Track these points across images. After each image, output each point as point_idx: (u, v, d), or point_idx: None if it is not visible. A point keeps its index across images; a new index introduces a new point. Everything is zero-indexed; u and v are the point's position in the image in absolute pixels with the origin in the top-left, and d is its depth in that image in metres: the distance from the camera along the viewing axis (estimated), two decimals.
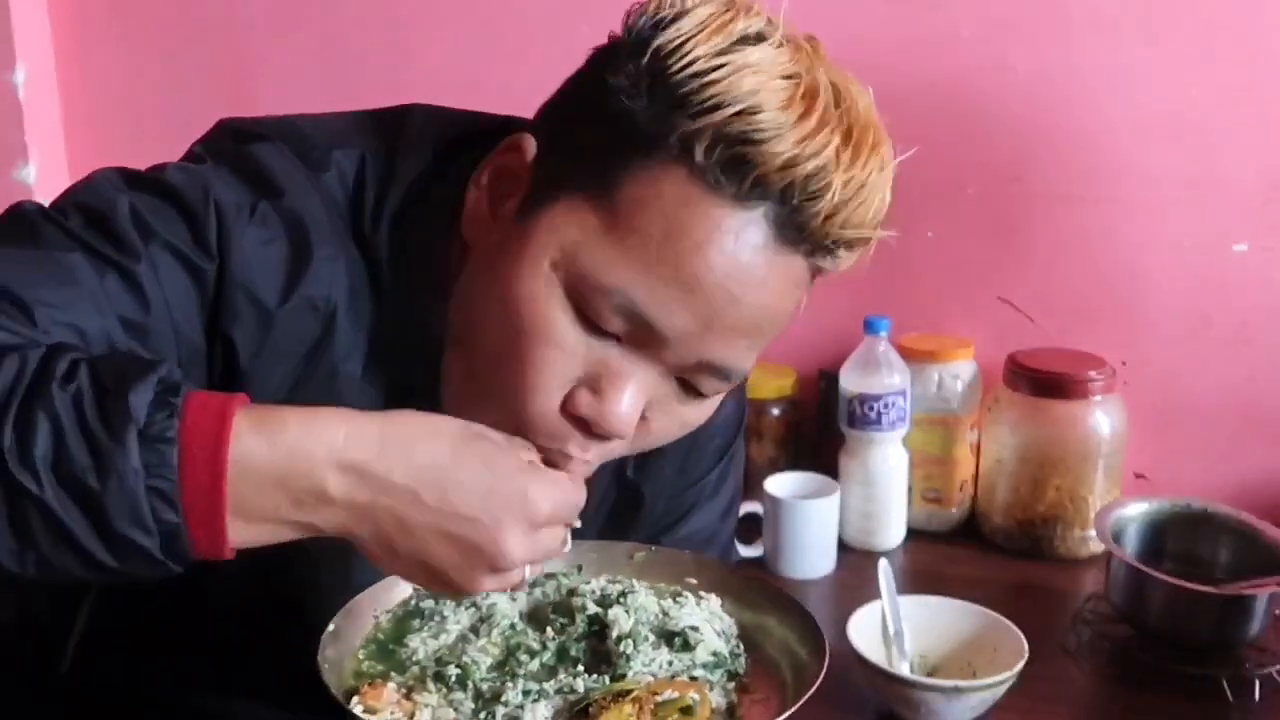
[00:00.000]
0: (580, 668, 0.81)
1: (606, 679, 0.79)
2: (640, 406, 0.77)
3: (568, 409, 0.77)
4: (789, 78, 0.73)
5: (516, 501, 0.70)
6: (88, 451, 0.63)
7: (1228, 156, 1.55)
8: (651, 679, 0.79)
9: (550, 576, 0.89)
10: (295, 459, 0.67)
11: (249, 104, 0.98)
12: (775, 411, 1.67)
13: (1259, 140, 1.54)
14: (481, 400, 0.78)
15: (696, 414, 0.82)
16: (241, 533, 0.66)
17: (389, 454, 0.68)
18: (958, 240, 1.64)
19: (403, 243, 0.83)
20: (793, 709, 0.76)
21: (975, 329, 1.65)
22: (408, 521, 0.69)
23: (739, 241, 0.73)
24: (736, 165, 0.72)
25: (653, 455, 0.95)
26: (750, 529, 1.54)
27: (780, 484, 1.53)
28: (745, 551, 1.51)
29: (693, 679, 0.81)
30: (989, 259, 1.64)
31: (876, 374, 1.55)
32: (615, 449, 0.80)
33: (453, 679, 0.78)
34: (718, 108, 0.72)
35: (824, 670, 0.78)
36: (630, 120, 0.74)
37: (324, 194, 0.82)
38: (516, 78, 0.96)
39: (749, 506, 1.54)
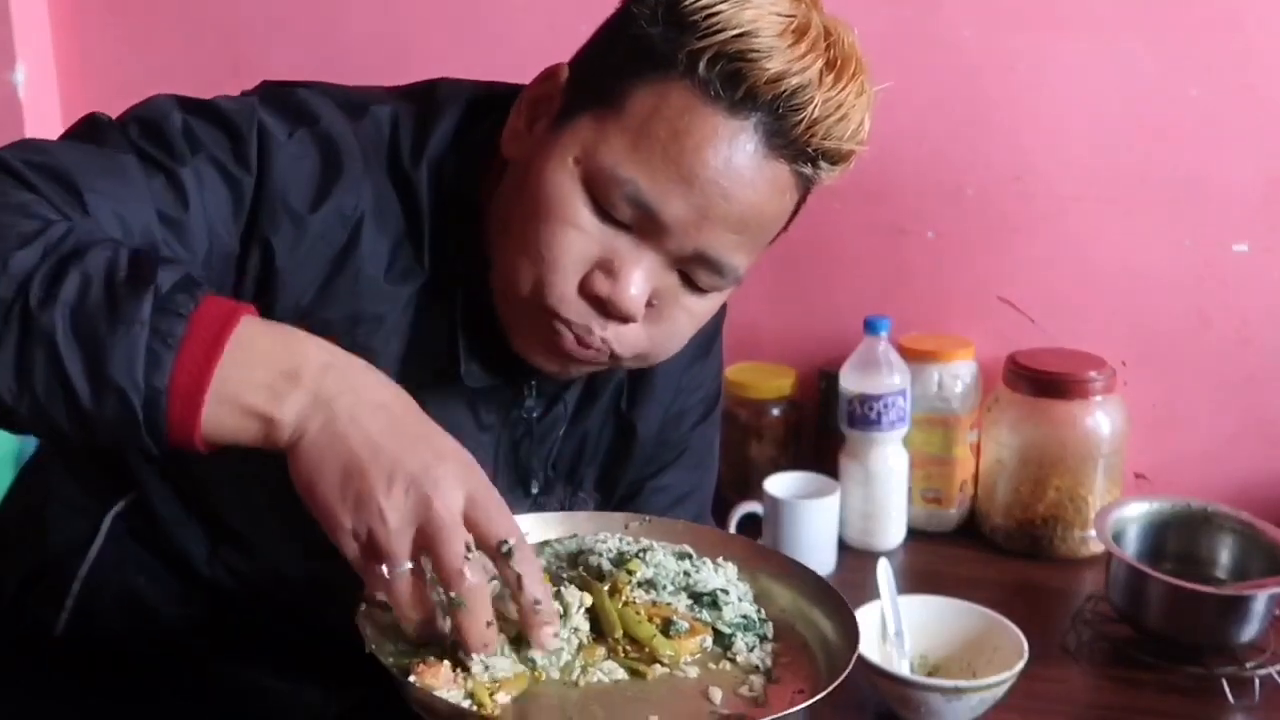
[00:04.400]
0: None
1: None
2: (647, 290, 0.89)
3: (586, 290, 0.88)
4: (785, 15, 0.85)
5: (414, 457, 0.73)
6: (106, 301, 0.69)
7: (1228, 156, 1.55)
8: (669, 605, 0.84)
9: (546, 544, 0.90)
10: (290, 342, 0.74)
11: None
12: (775, 411, 1.67)
13: (1259, 140, 1.54)
14: (514, 285, 0.90)
15: (700, 306, 0.93)
16: (213, 415, 0.70)
17: (365, 370, 0.75)
18: (958, 240, 1.64)
19: (443, 180, 0.94)
20: (847, 670, 0.77)
21: (975, 329, 1.66)
22: (336, 435, 0.72)
23: (732, 145, 0.85)
24: (732, 78, 0.84)
25: (643, 392, 1.10)
26: (750, 529, 1.54)
27: (780, 484, 1.53)
28: None
29: (718, 633, 0.84)
30: (989, 259, 1.64)
31: (877, 374, 1.55)
32: (629, 336, 0.91)
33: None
34: (721, 30, 0.84)
35: (859, 630, 0.82)
36: (647, 42, 0.86)
37: (359, 132, 0.92)
38: (514, 78, 0.97)
39: (749, 507, 1.54)
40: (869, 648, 1.19)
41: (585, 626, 0.79)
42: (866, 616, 1.23)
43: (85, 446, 1.00)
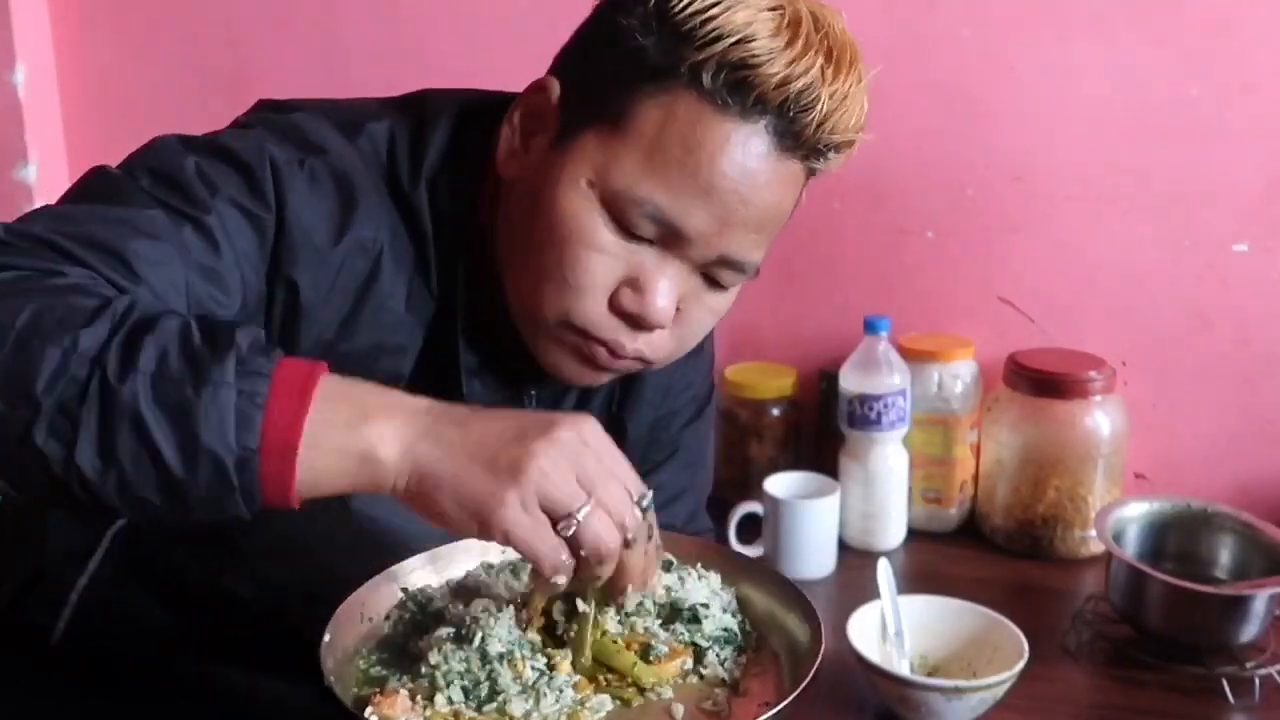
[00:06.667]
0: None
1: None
2: (675, 299, 0.90)
3: (615, 307, 0.89)
4: (774, 9, 0.85)
5: (540, 419, 0.74)
6: (188, 367, 0.68)
7: (1228, 156, 1.55)
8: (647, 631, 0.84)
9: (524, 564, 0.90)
10: (373, 390, 0.74)
11: (248, 104, 0.99)
12: (775, 411, 1.67)
13: (1259, 140, 1.54)
14: (539, 309, 0.91)
15: (721, 303, 0.95)
16: (309, 466, 0.70)
17: (451, 404, 0.75)
18: (958, 240, 1.64)
19: (439, 199, 0.94)
20: (803, 684, 0.77)
21: (975, 329, 1.66)
22: (454, 441, 0.72)
23: (745, 151, 0.86)
24: (739, 87, 0.84)
25: (633, 392, 1.11)
26: (750, 529, 1.54)
27: (780, 484, 1.53)
28: (745, 552, 1.51)
29: (697, 647, 0.83)
30: (989, 259, 1.64)
31: (877, 374, 1.55)
32: (659, 341, 0.92)
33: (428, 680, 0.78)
34: (719, 39, 0.83)
35: (823, 641, 0.81)
36: (643, 55, 0.86)
37: (360, 155, 0.92)
38: (516, 80, 0.97)
39: (749, 507, 1.54)
40: (869, 648, 1.19)
41: (571, 693, 0.78)
42: (866, 616, 1.23)
43: (173, 523, 0.99)
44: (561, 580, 0.73)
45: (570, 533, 0.71)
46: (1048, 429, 1.55)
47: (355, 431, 0.70)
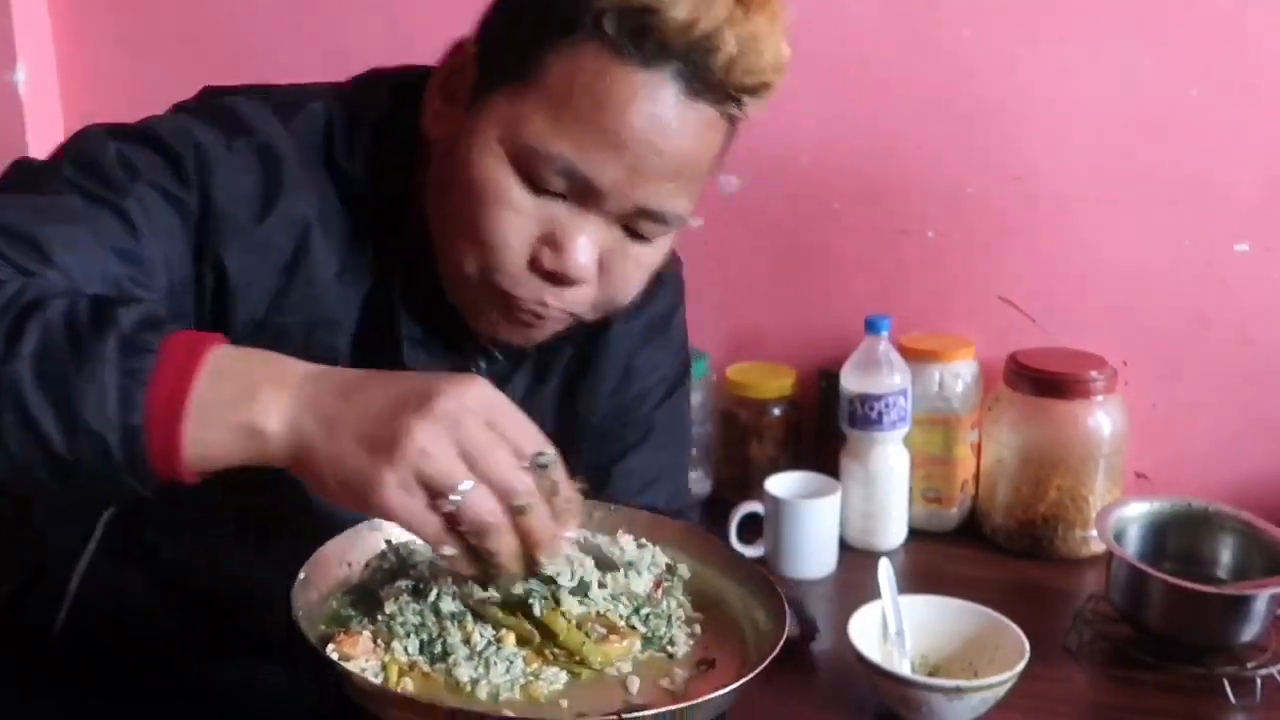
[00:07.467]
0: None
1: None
2: (594, 253, 0.89)
3: (534, 265, 0.88)
4: None
5: (421, 389, 0.71)
6: (69, 346, 0.69)
7: (1228, 156, 1.55)
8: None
9: None
10: (265, 360, 0.73)
11: None
12: (776, 411, 1.67)
13: (1259, 140, 1.54)
14: (461, 270, 0.90)
15: (649, 255, 0.93)
16: (195, 440, 0.69)
17: (343, 370, 0.75)
18: (958, 240, 1.64)
19: (375, 170, 0.94)
20: (754, 673, 0.77)
21: (976, 329, 1.66)
22: (335, 416, 0.71)
23: (653, 100, 0.84)
24: (641, 33, 0.82)
25: (589, 376, 1.10)
26: (751, 529, 1.54)
27: (781, 484, 1.53)
28: (745, 552, 1.51)
29: (632, 628, 0.83)
30: (989, 259, 1.64)
31: (877, 374, 1.55)
32: (585, 296, 0.91)
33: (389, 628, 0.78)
34: None
35: (785, 627, 0.81)
36: (551, 7, 0.85)
37: (294, 133, 0.92)
38: None
39: (749, 506, 1.54)
40: (870, 648, 1.19)
41: (521, 664, 0.78)
42: (867, 616, 1.23)
43: (75, 501, 0.99)
44: (449, 551, 0.72)
45: (450, 511, 0.70)
46: (1048, 429, 1.55)
47: (241, 405, 0.70)
